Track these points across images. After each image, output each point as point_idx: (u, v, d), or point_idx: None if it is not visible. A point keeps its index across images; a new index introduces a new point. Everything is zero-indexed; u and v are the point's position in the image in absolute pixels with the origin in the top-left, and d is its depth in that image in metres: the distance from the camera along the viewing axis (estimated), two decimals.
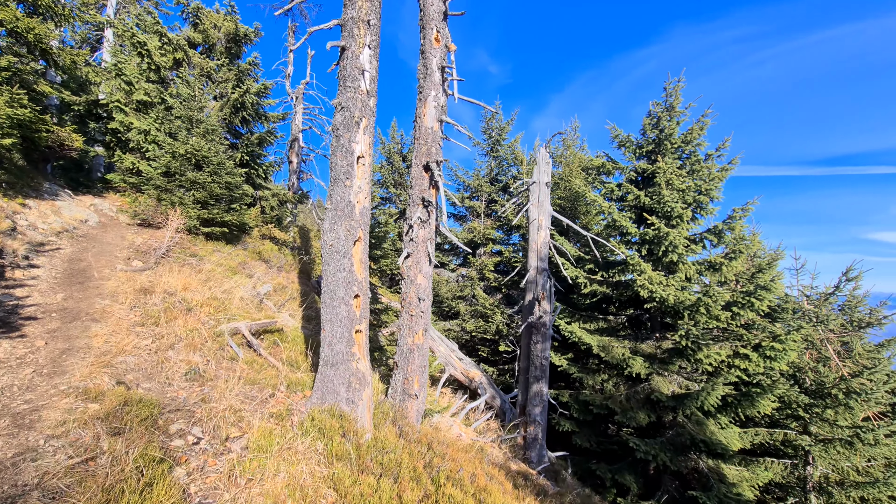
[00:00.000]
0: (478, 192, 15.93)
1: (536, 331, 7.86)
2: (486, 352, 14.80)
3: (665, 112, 9.22)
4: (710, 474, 8.98)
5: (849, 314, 11.39)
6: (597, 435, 10.55)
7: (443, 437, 5.85)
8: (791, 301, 10.28)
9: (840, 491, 9.19)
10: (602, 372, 10.43)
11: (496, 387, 10.58)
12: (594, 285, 9.99)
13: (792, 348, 8.43)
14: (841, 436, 9.09)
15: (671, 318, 9.58)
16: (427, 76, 5.44)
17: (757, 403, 8.44)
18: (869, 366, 9.53)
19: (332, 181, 4.69)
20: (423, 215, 5.37)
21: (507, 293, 15.28)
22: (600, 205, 9.56)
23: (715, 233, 9.01)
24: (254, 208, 12.25)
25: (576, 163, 13.09)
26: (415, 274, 5.45)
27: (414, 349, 5.48)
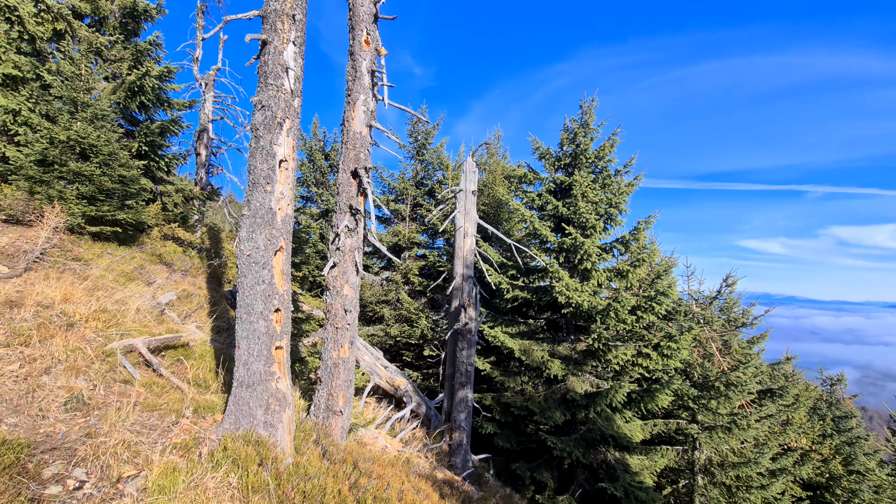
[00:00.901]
0: (403, 195, 15.81)
1: (462, 337, 7.96)
2: (411, 356, 14.71)
3: (581, 128, 9.86)
4: (617, 465, 9.74)
5: (727, 314, 13.06)
6: (517, 435, 10.94)
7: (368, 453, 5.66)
8: (683, 304, 11.53)
9: (721, 471, 10.46)
10: (523, 374, 10.85)
11: (421, 394, 10.55)
12: (516, 291, 10.37)
13: (685, 347, 9.43)
14: (721, 423, 10.35)
15: (585, 321, 10.25)
16: (356, 79, 5.24)
17: (657, 398, 9.32)
18: (743, 360, 10.98)
19: (251, 186, 4.32)
20: (350, 224, 5.15)
21: (431, 297, 15.34)
22: (522, 213, 9.95)
23: (623, 242, 9.81)
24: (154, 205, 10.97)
25: (499, 171, 13.52)
26: (341, 284, 5.21)
27: (339, 363, 5.23)
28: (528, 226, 10.52)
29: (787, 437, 11.85)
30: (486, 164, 14.55)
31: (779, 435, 11.58)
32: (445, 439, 8.20)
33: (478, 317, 8.04)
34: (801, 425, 13.31)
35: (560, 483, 10.66)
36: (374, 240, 5.24)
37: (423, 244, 15.91)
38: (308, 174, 18.18)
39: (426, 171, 15.94)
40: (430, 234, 15.89)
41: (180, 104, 12.63)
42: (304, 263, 10.22)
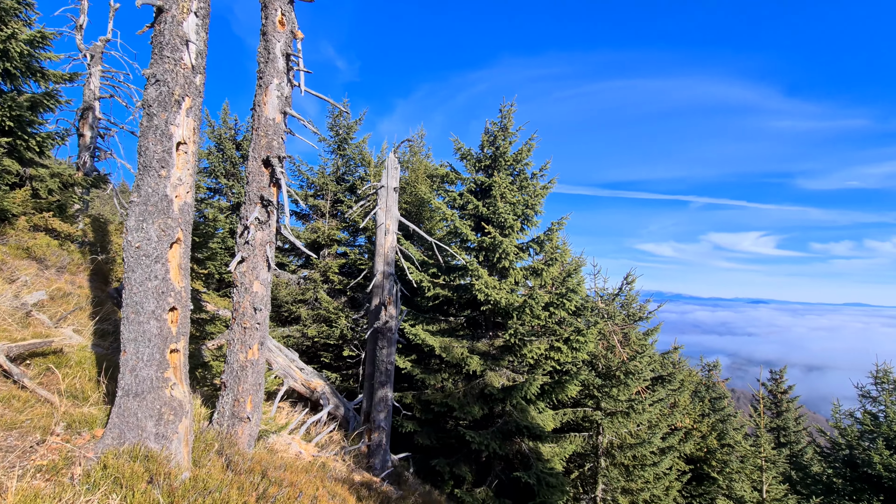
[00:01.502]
0: (323, 190, 15.21)
1: (382, 336, 7.83)
2: (330, 357, 14.20)
3: (500, 132, 10.22)
4: (531, 454, 10.23)
5: (627, 309, 14.34)
6: (437, 432, 11.04)
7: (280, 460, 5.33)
8: (590, 301, 12.43)
9: (620, 452, 11.43)
10: (443, 371, 10.97)
11: (340, 395, 10.21)
12: (437, 289, 10.45)
13: (591, 340, 10.17)
14: (621, 408, 11.32)
15: (503, 318, 10.62)
16: (269, 62, 4.89)
17: (566, 388, 9.93)
18: (640, 351, 12.11)
19: (142, 169, 3.84)
20: (261, 216, 4.80)
21: (352, 296, 14.93)
22: (444, 212, 10.06)
23: (538, 242, 10.33)
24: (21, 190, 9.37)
25: (422, 169, 13.55)
26: (250, 281, 4.84)
27: (247, 366, 4.85)
28: (449, 225, 10.66)
29: (674, 417, 13.30)
30: (409, 163, 14.51)
31: (667, 416, 12.95)
32: (364, 440, 8.01)
33: (398, 315, 7.97)
34: (685, 407, 15.02)
35: (478, 476, 10.94)
36: (289, 234, 4.94)
37: (343, 241, 15.44)
38: (217, 164, 16.77)
39: (347, 167, 15.49)
40: (352, 231, 15.47)
41: (58, 76, 10.93)
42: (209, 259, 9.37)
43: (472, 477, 10.61)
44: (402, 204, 13.71)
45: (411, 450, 10.99)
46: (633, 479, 11.67)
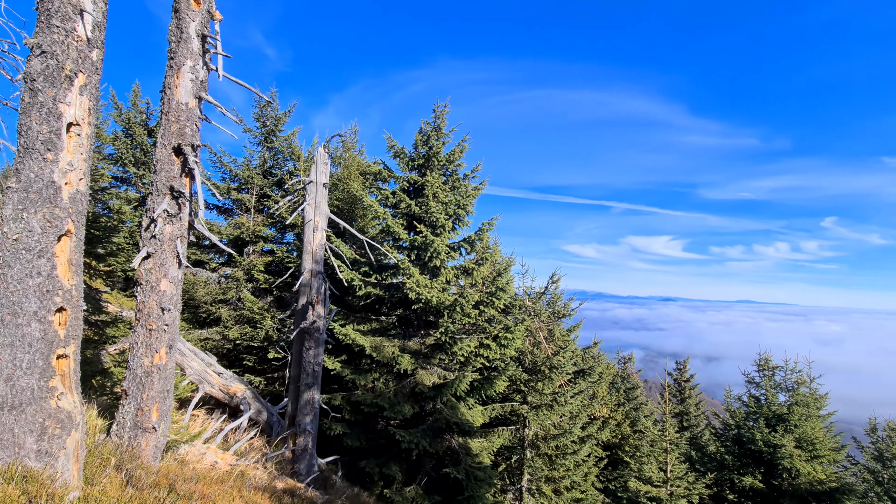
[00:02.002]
0: (248, 183, 14.37)
1: (309, 336, 7.55)
2: (253, 360, 13.45)
3: (434, 132, 10.29)
4: (460, 450, 10.40)
5: (552, 307, 15.07)
6: (367, 433, 10.87)
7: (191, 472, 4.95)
8: (518, 299, 12.91)
9: (544, 443, 12.00)
10: (374, 371, 10.83)
11: (263, 400, 9.70)
12: (369, 287, 10.29)
13: (518, 337, 10.56)
14: (546, 401, 11.88)
15: (434, 316, 10.70)
16: (182, 41, 4.50)
17: (495, 384, 10.23)
18: (563, 346, 12.79)
19: (23, 151, 3.37)
20: (171, 208, 4.40)
21: (279, 296, 14.25)
22: (376, 210, 9.93)
23: (469, 242, 10.53)
24: None
25: (354, 166, 13.26)
26: (157, 279, 4.42)
27: (153, 371, 4.44)
28: (382, 223, 10.54)
29: (593, 408, 14.20)
30: (342, 159, 14.14)
31: (587, 407, 13.80)
32: (288, 445, 7.68)
33: (327, 314, 7.73)
34: (603, 398, 16.11)
35: (408, 475, 10.93)
36: (203, 228, 4.59)
37: (270, 238, 14.68)
38: (125, 151, 15.22)
39: (275, 160, 14.75)
40: (280, 227, 14.75)
41: None
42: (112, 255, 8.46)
43: (402, 476, 10.59)
44: (333, 201, 13.33)
45: (340, 452, 10.73)
46: (555, 467, 12.30)
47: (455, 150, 10.39)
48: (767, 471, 13.35)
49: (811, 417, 13.60)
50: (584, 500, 12.83)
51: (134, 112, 15.83)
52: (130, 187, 15.90)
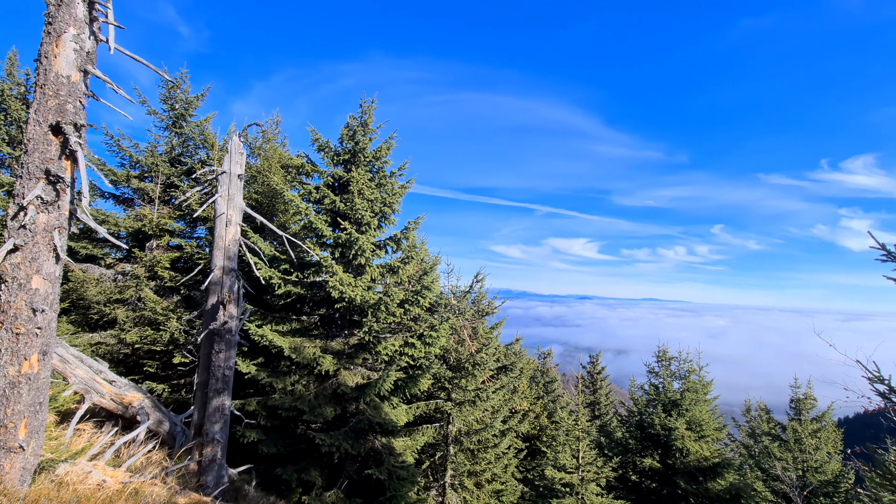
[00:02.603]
0: (152, 171, 13.04)
1: (220, 338, 7.02)
2: (156, 366, 12.23)
3: (360, 127, 10.08)
4: (383, 450, 10.30)
5: (477, 305, 15.47)
6: (285, 438, 10.39)
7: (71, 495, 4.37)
8: (444, 297, 13.09)
9: (467, 438, 12.28)
10: (293, 373, 10.37)
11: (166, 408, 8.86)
12: (289, 286, 9.84)
13: (443, 335, 10.70)
14: (469, 397, 12.17)
15: (358, 315, 10.49)
16: (63, 5, 3.92)
17: (419, 383, 10.27)
18: (486, 343, 13.18)
19: None
20: (46, 194, 3.83)
21: (187, 295, 13.10)
22: (298, 205, 9.52)
23: (395, 240, 10.46)
24: None
25: (276, 158, 12.58)
26: (27, 275, 3.83)
27: (21, 382, 3.84)
28: (304, 219, 10.12)
29: (514, 402, 14.83)
30: (262, 150, 13.34)
31: (508, 401, 14.37)
32: (194, 457, 7.09)
33: (240, 314, 7.24)
34: (524, 391, 16.87)
35: (329, 479, 10.61)
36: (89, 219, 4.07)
37: (178, 233, 13.44)
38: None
39: (185, 147, 13.54)
40: (190, 221, 13.56)
41: None
42: None
43: (323, 481, 10.26)
44: (251, 194, 12.54)
45: (255, 461, 10.13)
46: (477, 461, 12.65)
47: (382, 147, 10.26)
48: (664, 452, 14.81)
49: (699, 402, 15.31)
50: (504, 490, 13.33)
51: (9, 83, 13.71)
52: (4, 170, 13.74)
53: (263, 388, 10.59)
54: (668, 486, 14.20)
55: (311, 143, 10.40)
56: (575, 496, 12.80)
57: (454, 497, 12.22)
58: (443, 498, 12.21)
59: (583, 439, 13.36)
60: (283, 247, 11.43)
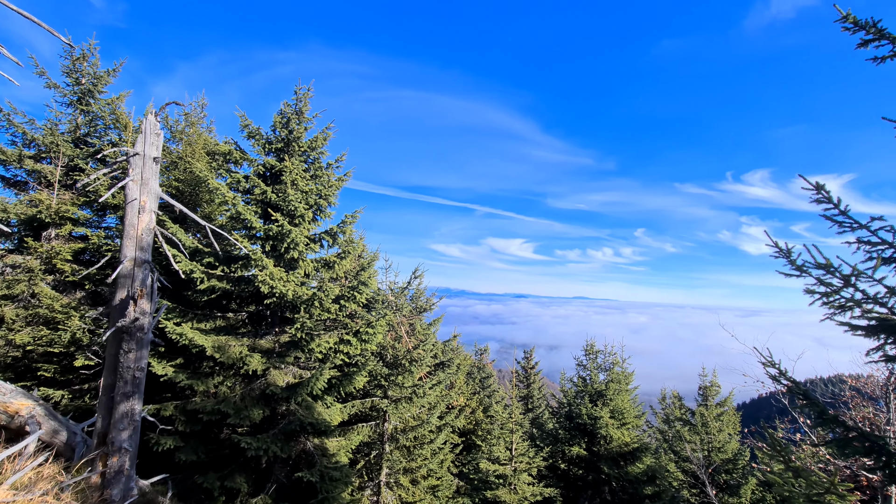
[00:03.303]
0: (52, 152, 11.58)
1: (130, 336, 6.35)
2: (53, 370, 10.89)
3: (295, 115, 9.62)
4: (316, 452, 9.94)
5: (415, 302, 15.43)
6: (207, 444, 9.71)
7: None
8: (381, 294, 12.90)
9: (403, 436, 12.19)
10: (218, 374, 9.71)
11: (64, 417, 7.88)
12: (213, 281, 9.18)
13: (380, 332, 10.52)
14: (406, 394, 12.09)
15: (290, 312, 10.03)
16: None
17: (354, 380, 10.02)
18: (424, 339, 13.17)
19: None
20: None
21: (94, 290, 11.79)
22: (225, 194, 8.89)
23: (331, 234, 10.12)
24: None
25: (200, 144, 11.67)
26: None
27: None
28: (231, 210, 9.48)
29: (451, 397, 14.95)
30: (185, 134, 12.31)
31: (445, 397, 14.47)
32: (96, 468, 6.37)
33: (154, 310, 6.60)
34: (461, 387, 17.07)
35: (256, 484, 10.06)
36: None
37: (83, 221, 12.05)
38: None
39: (93, 127, 12.18)
40: (98, 208, 12.21)
41: None
42: None
43: (249, 487, 9.71)
44: (172, 182, 11.55)
45: (171, 469, 9.35)
46: (413, 458, 12.60)
47: (318, 137, 9.86)
48: (590, 440, 15.68)
49: (622, 392, 16.38)
50: (440, 486, 13.41)
51: None
52: None
53: (183, 391, 9.81)
54: (594, 471, 15.05)
55: (241, 129, 9.77)
56: (508, 487, 13.18)
57: (390, 495, 12.09)
58: (378, 497, 12.03)
59: (516, 431, 13.79)
60: (207, 239, 10.65)
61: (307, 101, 9.86)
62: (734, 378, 18.24)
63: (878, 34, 4.35)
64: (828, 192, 3.70)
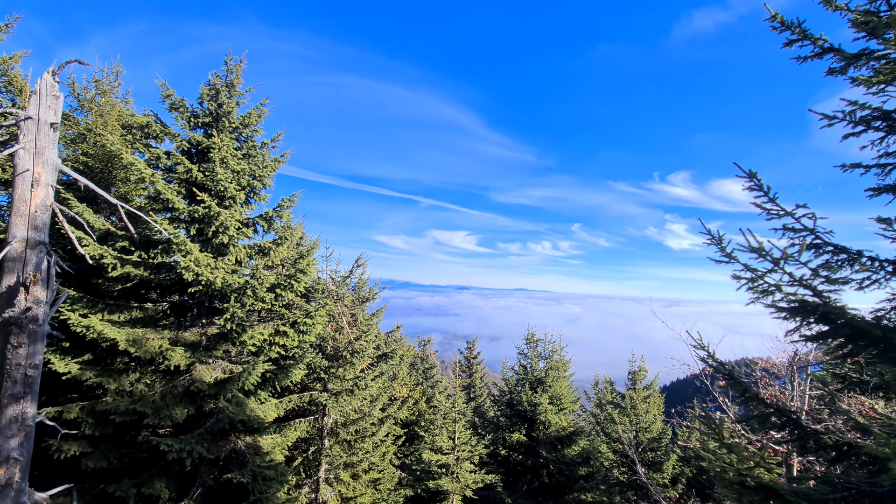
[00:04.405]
0: None
1: (20, 329, 5.47)
2: None
3: (225, 87, 8.81)
4: (248, 451, 9.32)
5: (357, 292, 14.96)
6: (120, 448, 8.78)
7: None
8: (321, 283, 12.34)
9: (344, 429, 11.79)
10: (134, 371, 8.77)
11: None
12: (128, 267, 8.23)
13: (320, 322, 10.03)
14: (347, 387, 11.68)
15: (219, 301, 9.28)
16: None
17: (291, 374, 9.48)
18: (366, 330, 12.79)
19: None
20: None
21: None
22: (142, 171, 7.96)
23: (266, 219, 9.45)
24: None
25: (114, 115, 10.40)
26: None
27: None
28: (150, 189, 8.54)
29: (394, 388, 14.70)
30: (96, 104, 10.91)
31: (388, 389, 14.20)
32: None
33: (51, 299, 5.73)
34: (403, 378, 16.86)
35: (179, 490, 9.26)
36: None
37: None
38: None
39: None
40: None
41: None
42: None
43: (172, 492, 8.93)
44: (79, 156, 10.23)
45: (78, 479, 8.38)
46: (354, 452, 12.24)
47: (252, 114, 9.11)
48: (530, 425, 16.12)
49: (560, 378, 16.98)
50: (382, 479, 13.16)
51: None
52: None
53: (91, 390, 8.77)
54: (533, 456, 15.51)
55: (162, 100, 8.80)
56: (451, 476, 13.22)
57: (329, 491, 11.67)
58: (316, 494, 11.57)
59: (459, 421, 13.84)
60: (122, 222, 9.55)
61: (239, 74, 9.08)
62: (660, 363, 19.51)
63: (802, 34, 4.63)
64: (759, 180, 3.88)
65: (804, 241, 3.57)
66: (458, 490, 12.95)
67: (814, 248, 3.70)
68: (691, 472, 17.80)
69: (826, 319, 3.52)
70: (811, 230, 3.73)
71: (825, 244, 3.72)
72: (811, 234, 3.78)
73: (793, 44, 4.74)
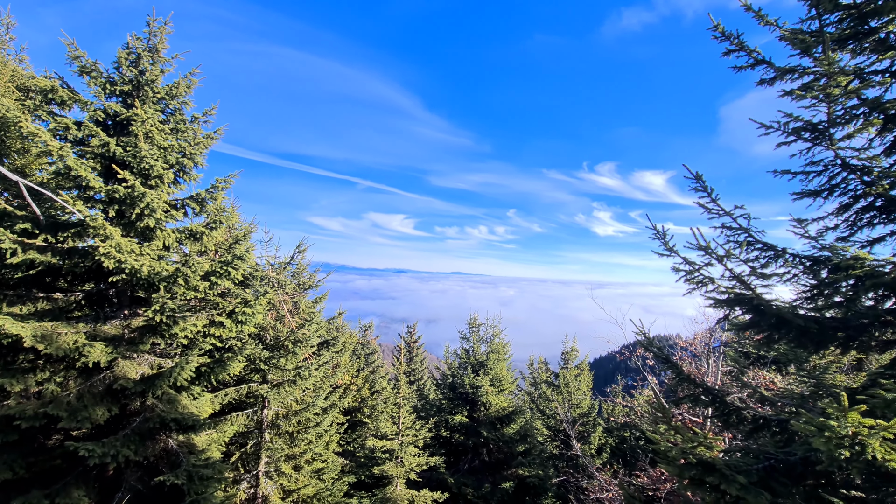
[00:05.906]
0: None
1: None
2: None
3: (148, 52, 7.85)
4: (181, 450, 8.70)
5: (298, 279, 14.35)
6: (28, 456, 7.82)
7: None
8: (260, 270, 11.66)
9: (285, 421, 11.39)
10: (42, 369, 7.78)
11: None
12: (31, 252, 7.20)
13: (259, 311, 9.48)
14: (288, 377, 11.25)
15: (145, 291, 8.46)
16: None
17: (229, 367, 8.93)
18: (308, 319, 12.34)
19: None
20: None
21: None
22: (47, 143, 6.94)
23: (198, 200, 8.68)
24: None
25: (7, 75, 8.91)
26: None
27: None
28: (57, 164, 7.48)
29: (337, 377, 14.41)
30: None
31: (330, 377, 13.89)
32: None
33: None
34: (346, 366, 16.57)
35: (101, 496, 8.47)
36: None
37: None
38: None
39: None
40: None
41: None
42: None
43: (92, 500, 8.13)
44: None
45: None
46: (297, 443, 11.89)
47: (180, 83, 8.22)
48: (471, 407, 16.59)
49: (500, 360, 17.57)
50: (325, 468, 12.94)
51: None
52: None
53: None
54: (474, 436, 16.02)
55: (70, 61, 7.66)
56: (395, 461, 13.29)
57: (269, 485, 11.27)
58: (255, 489, 11.13)
59: (402, 406, 13.88)
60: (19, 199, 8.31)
61: (164, 38, 8.13)
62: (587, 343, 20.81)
63: (740, 46, 5.01)
64: (704, 181, 4.19)
65: (745, 241, 3.92)
66: (403, 474, 13.08)
67: (748, 246, 4.08)
68: (614, 441, 19.40)
69: (756, 310, 3.90)
70: (746, 229, 4.11)
71: (756, 241, 4.11)
72: (745, 233, 4.16)
73: (731, 53, 5.12)
